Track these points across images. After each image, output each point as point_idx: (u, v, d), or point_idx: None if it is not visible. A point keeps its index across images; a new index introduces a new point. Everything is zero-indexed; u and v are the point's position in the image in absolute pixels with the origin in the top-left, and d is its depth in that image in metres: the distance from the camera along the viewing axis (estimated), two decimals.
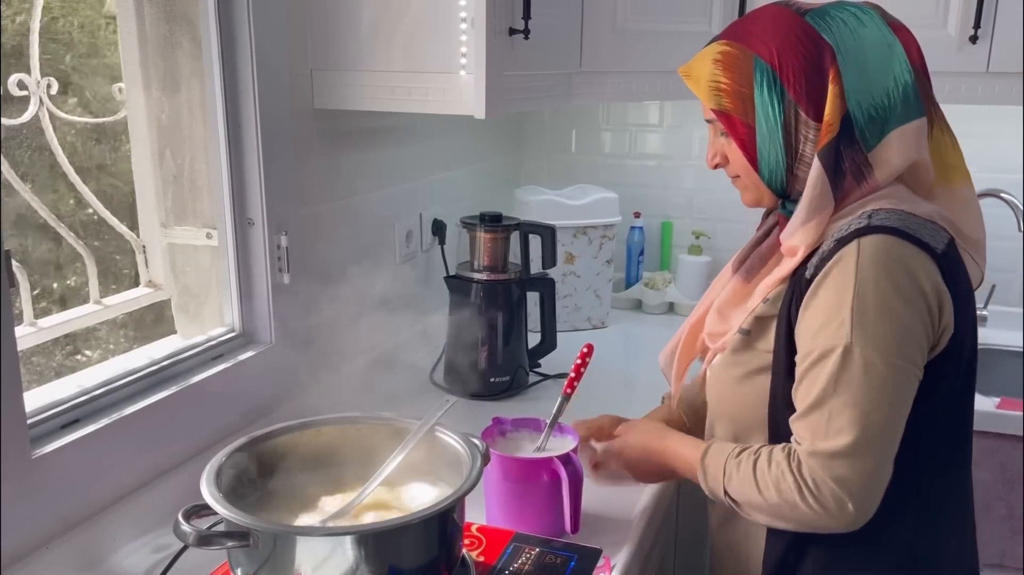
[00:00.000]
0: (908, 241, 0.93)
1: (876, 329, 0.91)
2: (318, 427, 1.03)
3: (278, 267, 1.36)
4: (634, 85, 1.70)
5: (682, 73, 1.08)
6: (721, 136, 1.06)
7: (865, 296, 0.91)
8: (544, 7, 1.37)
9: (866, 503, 0.92)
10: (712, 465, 1.03)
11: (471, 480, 0.89)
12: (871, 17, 1.00)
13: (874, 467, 0.92)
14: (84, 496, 1.05)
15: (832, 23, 0.98)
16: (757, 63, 0.99)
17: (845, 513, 0.91)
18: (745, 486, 0.98)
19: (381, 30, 1.33)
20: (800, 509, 0.93)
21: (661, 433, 1.15)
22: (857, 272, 0.92)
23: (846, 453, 0.90)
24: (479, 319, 1.59)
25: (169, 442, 1.18)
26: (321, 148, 1.45)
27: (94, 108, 1.30)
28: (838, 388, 0.91)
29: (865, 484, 0.91)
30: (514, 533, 1.09)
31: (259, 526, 0.81)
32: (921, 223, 0.96)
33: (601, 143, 2.34)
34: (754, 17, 1.04)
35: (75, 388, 1.09)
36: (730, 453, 1.01)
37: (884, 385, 0.91)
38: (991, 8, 1.63)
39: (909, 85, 0.99)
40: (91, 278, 1.27)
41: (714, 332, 1.11)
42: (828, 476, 0.91)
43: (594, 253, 2.01)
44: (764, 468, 0.96)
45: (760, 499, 0.96)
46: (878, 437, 0.92)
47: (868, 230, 0.94)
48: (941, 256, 0.94)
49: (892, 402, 0.92)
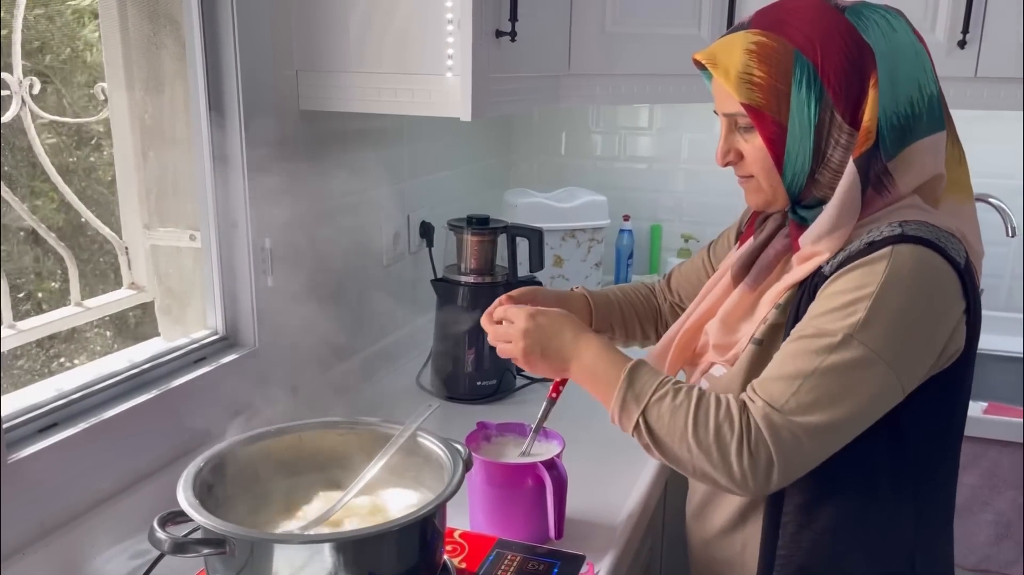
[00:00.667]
0: (940, 255, 0.90)
1: (885, 334, 0.87)
2: (299, 432, 1.02)
3: (262, 269, 1.35)
4: (622, 88, 1.70)
5: (704, 60, 0.99)
6: (739, 132, 0.99)
7: (887, 298, 0.87)
8: (531, 9, 1.36)
9: (785, 482, 0.88)
10: (643, 379, 0.94)
11: (452, 486, 0.88)
12: (900, 22, 0.95)
13: (815, 454, 0.88)
14: (61, 501, 1.04)
15: (869, 24, 0.93)
16: (798, 58, 0.92)
17: (765, 482, 0.87)
18: (677, 415, 0.90)
19: (367, 31, 1.32)
20: (728, 459, 0.87)
21: (583, 330, 1.03)
22: (887, 274, 0.88)
23: (803, 429, 0.86)
24: (466, 322, 1.58)
25: (149, 446, 1.16)
26: (307, 150, 1.44)
27: (76, 108, 1.29)
28: (819, 369, 0.87)
29: (797, 466, 0.88)
30: (497, 539, 1.08)
31: (236, 533, 0.80)
32: (946, 236, 0.92)
33: (591, 146, 2.33)
34: (790, 7, 0.96)
35: (53, 391, 1.08)
36: (669, 378, 0.94)
37: (864, 387, 0.87)
38: (979, 14, 1.63)
39: (935, 97, 0.95)
40: (72, 280, 1.26)
41: (721, 344, 1.05)
42: (773, 442, 0.86)
43: (583, 256, 2.00)
44: (711, 406, 0.89)
45: (689, 434, 0.89)
46: (836, 433, 0.88)
47: (904, 239, 0.90)
48: (964, 271, 0.92)
49: (863, 407, 0.88)
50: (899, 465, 0.96)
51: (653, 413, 0.91)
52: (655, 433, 0.91)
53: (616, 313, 1.27)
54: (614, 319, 1.27)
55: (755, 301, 1.03)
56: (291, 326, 1.42)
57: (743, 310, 1.04)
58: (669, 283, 1.32)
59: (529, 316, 1.04)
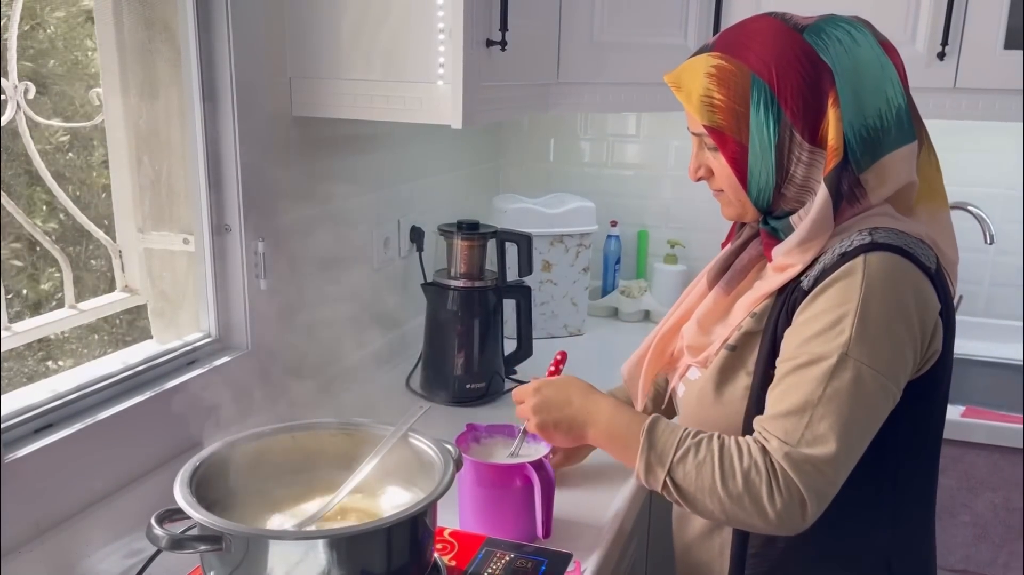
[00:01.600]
0: (910, 260, 0.92)
1: (875, 345, 0.89)
2: (292, 432, 1.04)
3: (255, 273, 1.37)
4: (610, 96, 1.73)
5: (670, 83, 1.03)
6: (708, 150, 1.03)
7: (869, 311, 0.89)
8: (521, 18, 1.39)
9: (819, 513, 0.90)
10: (663, 439, 0.95)
11: (443, 485, 0.90)
12: (864, 35, 0.97)
13: (839, 480, 0.90)
14: (57, 501, 1.05)
15: (829, 42, 0.95)
16: (755, 81, 0.95)
17: (801, 519, 0.89)
18: (703, 470, 0.91)
19: (359, 39, 1.34)
20: (760, 505, 0.88)
21: (591, 394, 1.07)
22: (864, 286, 0.90)
23: (823, 461, 0.88)
24: (456, 326, 1.60)
25: (143, 447, 1.18)
26: (299, 155, 1.46)
27: (70, 113, 1.31)
28: (824, 396, 0.89)
29: (827, 495, 0.90)
30: (486, 538, 1.10)
31: (232, 530, 0.82)
32: (915, 243, 0.95)
33: (579, 152, 2.36)
34: (750, 31, 0.99)
35: (48, 393, 1.09)
36: (686, 432, 0.95)
37: (868, 402, 0.90)
38: (959, 25, 1.67)
39: (903, 108, 0.97)
40: (67, 283, 1.27)
41: (694, 345, 1.08)
42: (800, 479, 0.88)
43: (571, 261, 2.03)
44: (733, 455, 0.91)
45: (719, 487, 0.90)
46: (852, 453, 0.90)
47: (873, 247, 0.92)
48: (935, 276, 0.94)
49: (870, 421, 0.91)
50: (875, 470, 0.97)
51: (679, 472, 0.93)
52: (684, 491, 0.93)
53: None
54: None
55: (730, 305, 1.06)
56: (283, 329, 1.44)
57: (718, 313, 1.07)
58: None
59: (534, 391, 1.10)
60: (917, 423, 1.00)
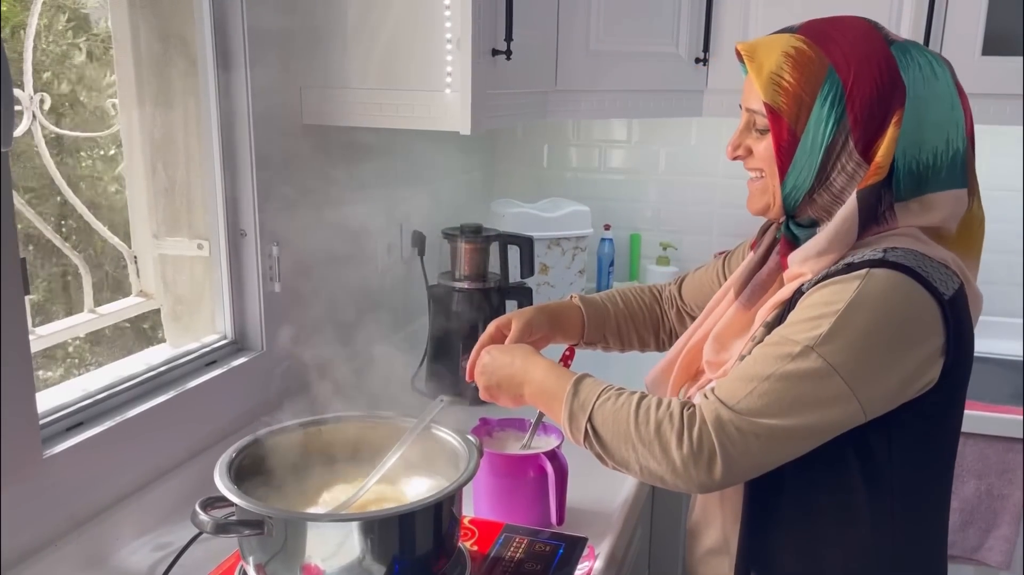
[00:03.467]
0: (919, 283, 0.89)
1: (846, 350, 0.87)
2: (319, 426, 1.09)
3: (269, 276, 1.41)
4: (606, 103, 1.79)
5: (744, 50, 0.98)
6: (756, 131, 0.98)
7: (852, 316, 0.87)
8: (523, 29, 1.44)
9: (729, 478, 0.88)
10: (587, 390, 0.96)
11: (469, 470, 0.95)
12: (945, 72, 0.94)
13: (759, 459, 0.88)
14: (90, 496, 1.09)
15: (911, 64, 0.92)
16: (830, 74, 0.91)
17: (707, 474, 0.87)
18: (619, 416, 0.92)
19: (368, 49, 1.39)
20: (669, 452, 0.88)
21: (528, 355, 1.07)
22: (856, 294, 0.88)
23: (748, 430, 0.86)
24: (460, 326, 1.65)
25: (168, 444, 1.22)
26: (309, 162, 1.50)
27: (87, 121, 1.34)
28: (775, 375, 0.87)
29: (742, 463, 0.88)
30: (504, 524, 1.15)
31: (273, 513, 0.86)
32: (935, 267, 0.91)
33: (570, 158, 2.42)
34: (841, 25, 0.95)
35: (80, 392, 1.13)
36: (609, 385, 0.96)
37: (819, 400, 0.87)
38: (939, 29, 1.74)
39: (959, 153, 0.94)
40: (86, 288, 1.31)
41: (712, 361, 1.05)
42: (716, 436, 0.86)
43: (567, 264, 2.08)
44: (651, 405, 0.91)
45: (632, 432, 0.90)
46: (783, 439, 0.88)
47: (882, 263, 0.89)
48: (948, 303, 0.90)
49: (816, 421, 0.87)
50: (877, 494, 0.96)
51: (598, 418, 0.93)
52: (602, 438, 0.93)
53: (611, 322, 1.29)
54: (608, 329, 1.29)
55: (750, 320, 1.03)
56: (295, 330, 1.48)
57: (737, 328, 1.05)
58: (680, 289, 1.32)
59: (484, 353, 1.11)
60: (922, 449, 0.96)
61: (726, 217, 2.30)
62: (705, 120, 2.03)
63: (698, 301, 1.28)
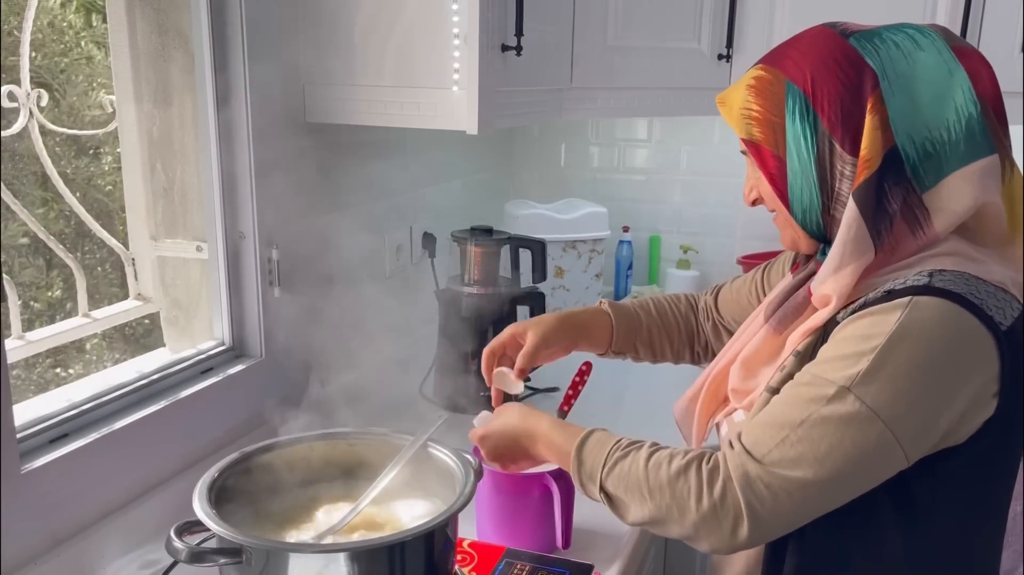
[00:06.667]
0: (972, 313, 0.80)
1: (887, 391, 0.79)
2: (310, 442, 1.03)
3: (268, 280, 1.36)
4: (624, 101, 1.72)
5: (718, 102, 0.97)
6: (756, 172, 0.95)
7: (895, 352, 0.79)
8: (536, 24, 1.38)
9: (756, 540, 0.81)
10: (591, 456, 0.90)
11: (464, 496, 0.89)
12: (932, 40, 0.87)
13: (790, 517, 0.82)
14: (73, 511, 1.04)
15: (881, 46, 0.87)
16: (789, 88, 0.88)
17: (729, 536, 0.81)
18: (631, 479, 0.86)
19: (373, 45, 1.33)
20: (688, 515, 0.82)
21: (527, 416, 1.00)
22: (898, 325, 0.80)
23: (780, 486, 0.80)
24: (469, 333, 1.59)
25: (158, 457, 1.17)
26: (312, 162, 1.45)
27: (79, 119, 1.30)
28: (808, 421, 0.80)
29: (771, 523, 0.81)
30: (506, 549, 1.09)
31: (252, 543, 0.81)
32: (991, 291, 0.83)
33: (590, 157, 2.35)
34: (794, 39, 0.93)
35: (64, 402, 1.08)
36: (616, 443, 0.90)
37: (858, 447, 0.79)
38: (976, 26, 1.66)
39: (974, 118, 0.85)
40: (80, 291, 1.26)
41: (739, 389, 0.99)
42: (744, 494, 0.80)
43: (583, 267, 2.02)
44: (663, 461, 0.85)
45: (644, 487, 0.85)
46: (819, 495, 0.81)
47: (928, 290, 0.81)
48: (1005, 334, 0.81)
49: (856, 471, 0.80)
50: (916, 542, 0.88)
51: (610, 485, 0.88)
52: (616, 503, 0.89)
53: (643, 332, 1.23)
54: (639, 338, 1.22)
55: (780, 346, 0.96)
56: (296, 336, 1.43)
57: (766, 354, 0.98)
58: (717, 301, 1.26)
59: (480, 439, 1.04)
60: (969, 495, 0.88)
61: (750, 219, 2.22)
62: None
63: (735, 315, 1.22)
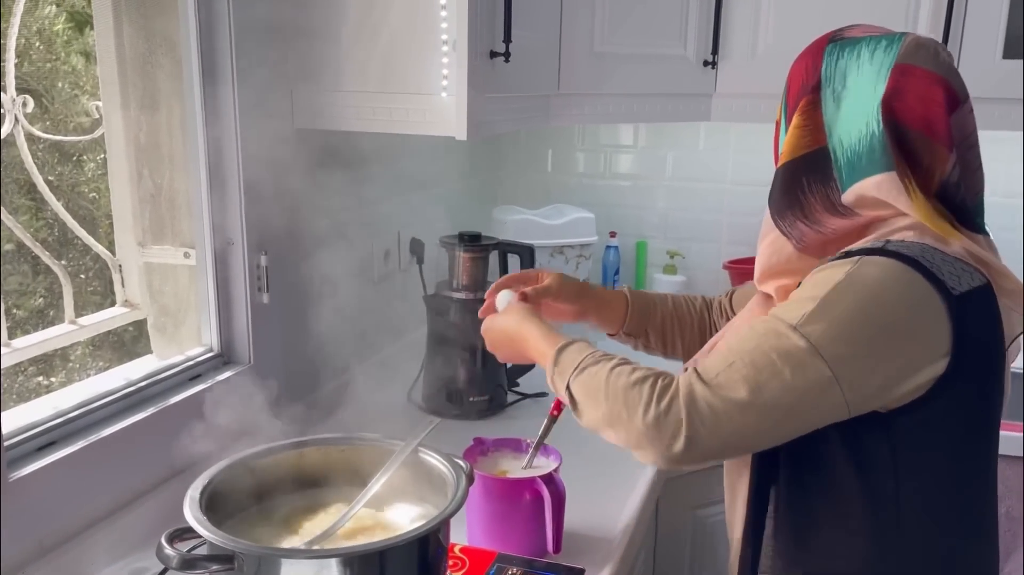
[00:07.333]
0: (920, 274, 0.84)
1: (831, 330, 0.83)
2: (301, 448, 1.03)
3: (257, 286, 1.35)
4: (611, 107, 1.72)
5: None
6: None
7: (840, 298, 0.84)
8: (523, 30, 1.38)
9: (692, 455, 0.84)
10: (566, 359, 0.97)
11: (456, 501, 0.89)
12: (886, 54, 0.91)
13: (727, 438, 0.84)
14: (60, 520, 1.03)
15: (843, 54, 0.94)
16: (784, 88, 1.01)
17: (669, 444, 0.84)
18: (593, 382, 0.92)
19: (362, 51, 1.33)
20: (634, 421, 0.86)
21: (525, 318, 1.07)
22: (846, 276, 0.85)
23: (719, 406, 0.83)
24: (458, 338, 1.59)
25: (147, 464, 1.16)
26: (301, 167, 1.44)
27: (65, 126, 1.29)
28: (756, 350, 0.84)
29: (707, 440, 0.83)
30: (497, 554, 1.09)
31: (244, 548, 0.81)
32: (948, 260, 0.87)
33: (576, 163, 2.36)
34: None
35: (51, 410, 1.07)
36: (591, 353, 0.96)
37: (798, 382, 0.82)
38: (957, 34, 1.68)
39: (875, 136, 0.90)
40: (66, 298, 1.26)
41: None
42: (687, 408, 0.83)
43: (571, 272, 2.02)
44: (624, 371, 0.90)
45: (601, 396, 0.90)
46: (755, 419, 0.83)
47: (879, 251, 0.87)
48: (959, 299, 0.85)
49: (792, 401, 0.83)
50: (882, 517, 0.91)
51: (575, 385, 0.94)
52: (577, 403, 0.94)
53: (656, 319, 1.25)
54: (651, 325, 1.25)
55: None
56: (285, 343, 1.43)
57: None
58: (731, 300, 1.29)
59: (485, 330, 1.15)
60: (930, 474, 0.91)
61: (735, 225, 2.24)
62: (714, 124, 1.97)
63: None
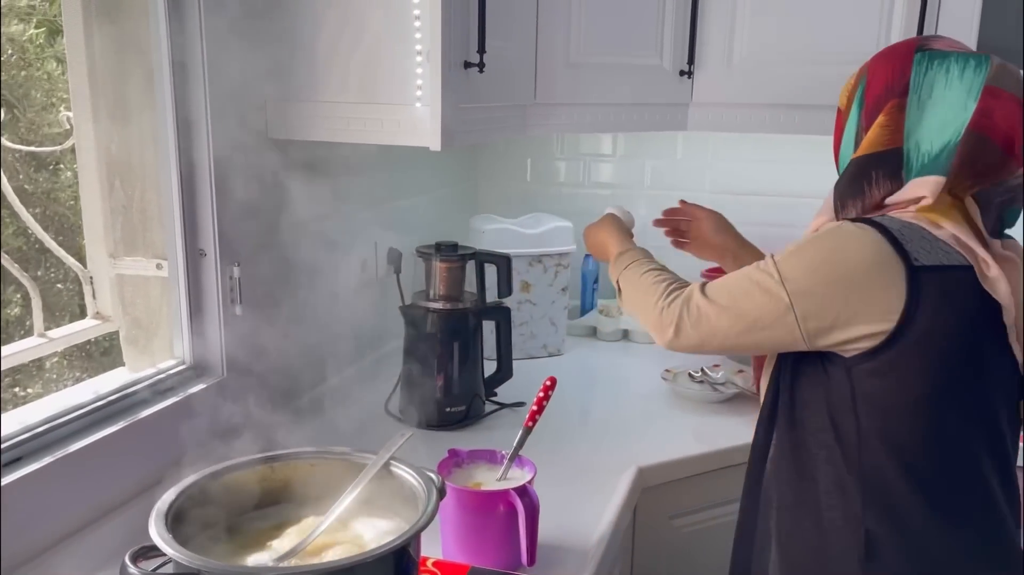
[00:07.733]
0: (888, 242, 0.99)
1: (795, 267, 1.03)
2: (271, 463, 1.02)
3: (230, 298, 1.34)
4: (587, 117, 1.73)
5: None
6: None
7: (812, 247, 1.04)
8: (498, 40, 1.38)
9: (684, 341, 1.13)
10: (623, 259, 1.33)
11: (427, 515, 0.88)
12: (976, 74, 1.03)
13: (707, 334, 1.11)
14: (28, 536, 1.02)
15: (931, 68, 1.05)
16: (862, 77, 1.12)
17: (671, 332, 1.13)
18: (633, 277, 1.27)
19: (336, 61, 1.33)
20: (650, 312, 1.18)
21: (609, 226, 1.49)
22: (823, 231, 1.06)
23: (701, 310, 1.10)
24: (435, 348, 1.58)
25: (116, 479, 1.15)
26: (275, 178, 1.43)
27: (34, 134, 1.28)
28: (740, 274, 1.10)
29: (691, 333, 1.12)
30: (470, 567, 1.08)
31: (210, 567, 0.80)
32: (927, 239, 1.00)
33: (556, 172, 2.36)
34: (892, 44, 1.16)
35: (18, 425, 1.06)
36: (640, 259, 1.31)
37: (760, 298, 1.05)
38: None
39: (949, 146, 1.03)
40: (35, 310, 1.24)
41: None
42: (683, 305, 1.12)
43: (549, 281, 2.02)
44: (658, 277, 1.22)
45: (638, 291, 1.24)
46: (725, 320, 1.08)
47: (859, 220, 1.04)
48: (919, 269, 0.98)
49: (753, 314, 1.06)
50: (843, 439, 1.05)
51: (623, 281, 1.31)
52: (623, 294, 1.30)
53: None
54: None
55: None
56: (259, 355, 1.41)
57: None
58: None
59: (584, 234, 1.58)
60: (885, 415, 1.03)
61: None
62: (692, 133, 1.97)
63: None
